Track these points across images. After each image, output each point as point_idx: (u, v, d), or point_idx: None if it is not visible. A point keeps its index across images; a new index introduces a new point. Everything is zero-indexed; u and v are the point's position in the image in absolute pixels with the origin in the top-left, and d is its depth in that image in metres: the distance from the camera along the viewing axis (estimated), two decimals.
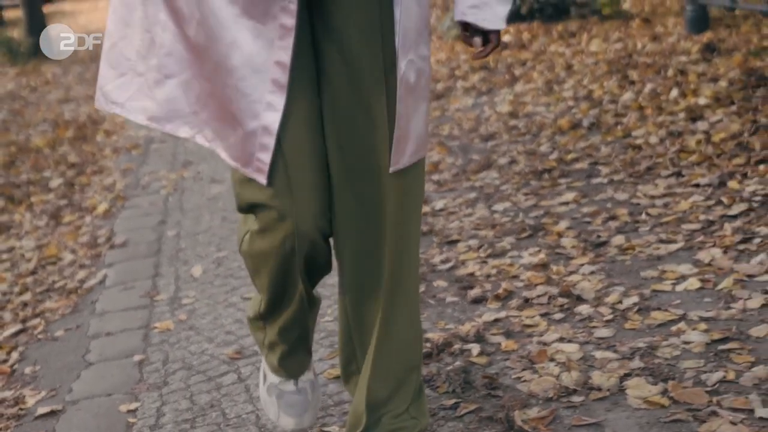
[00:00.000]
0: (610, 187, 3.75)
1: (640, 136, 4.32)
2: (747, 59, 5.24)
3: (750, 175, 3.52)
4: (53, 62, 10.68)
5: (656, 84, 5.10)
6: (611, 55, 6.14)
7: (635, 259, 3.03)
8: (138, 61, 1.85)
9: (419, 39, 1.88)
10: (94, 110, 7.54)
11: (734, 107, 4.38)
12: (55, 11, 17.95)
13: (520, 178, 4.07)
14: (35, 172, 5.57)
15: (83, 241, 4.21)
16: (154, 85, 1.84)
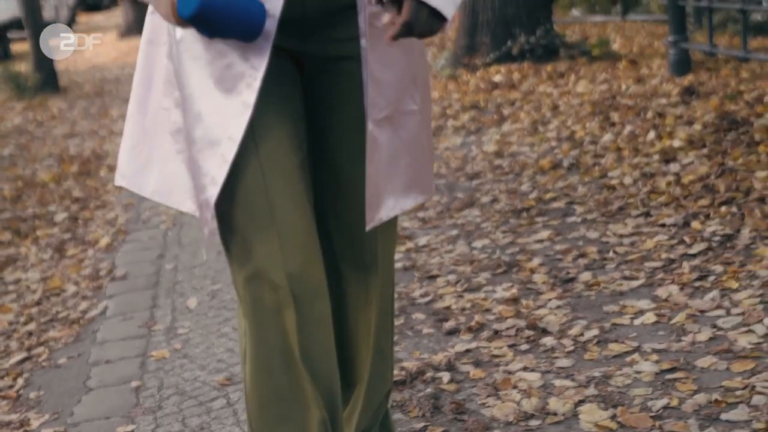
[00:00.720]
0: (583, 225, 3.98)
1: (615, 176, 4.55)
2: (723, 103, 5.48)
3: (712, 216, 3.75)
4: (59, 97, 10.95)
5: (635, 126, 5.34)
6: (596, 96, 6.39)
7: (599, 294, 3.25)
8: (147, 136, 1.95)
9: (403, 92, 1.91)
10: (98, 145, 7.79)
11: (705, 150, 4.61)
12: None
13: (500, 216, 4.29)
14: (41, 206, 5.80)
15: (86, 273, 4.44)
16: (160, 159, 1.93)
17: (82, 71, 13.99)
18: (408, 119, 1.91)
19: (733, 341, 2.72)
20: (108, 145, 7.74)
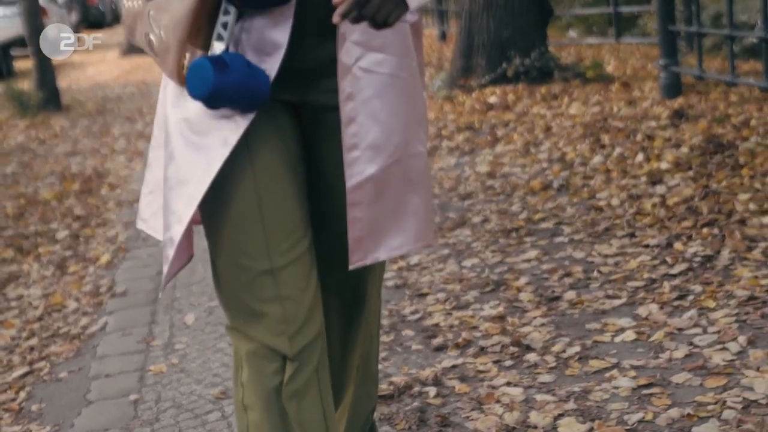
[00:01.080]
0: (570, 245, 4.10)
1: (603, 198, 4.67)
2: (711, 126, 5.61)
3: (694, 237, 3.86)
4: (62, 115, 11.08)
5: (625, 148, 5.46)
6: (588, 118, 6.51)
7: (583, 312, 3.36)
8: (160, 181, 1.97)
9: (411, 136, 1.92)
10: (99, 163, 7.92)
11: (691, 172, 4.74)
12: (64, 63, 18.40)
13: (490, 236, 4.41)
14: (43, 224, 5.92)
15: (86, 290, 4.55)
16: None
17: (84, 89, 14.13)
18: (416, 161, 1.94)
19: (708, 358, 2.83)
20: (109, 163, 7.86)
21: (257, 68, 1.79)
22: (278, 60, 1.79)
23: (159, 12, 1.80)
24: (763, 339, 2.90)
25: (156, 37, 1.82)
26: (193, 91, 1.77)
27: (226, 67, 1.75)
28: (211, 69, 1.75)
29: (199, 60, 1.76)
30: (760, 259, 3.51)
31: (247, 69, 1.77)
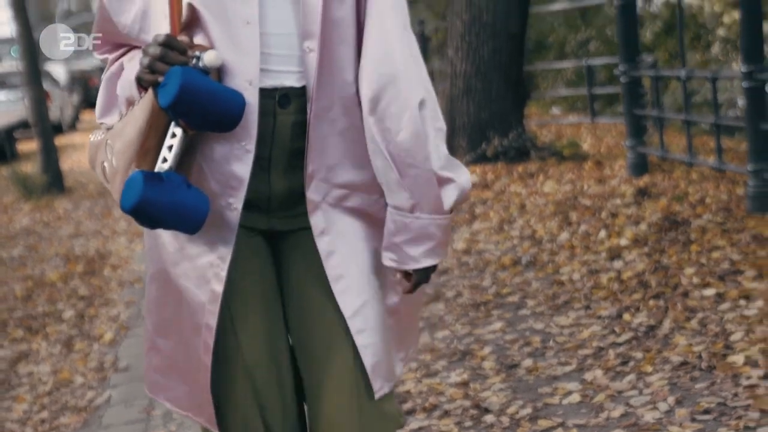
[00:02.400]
0: (531, 317, 4.51)
1: (565, 273, 5.09)
2: (670, 204, 6.05)
3: (642, 308, 4.28)
4: (65, 197, 11.55)
5: (590, 225, 5.90)
6: (560, 196, 6.96)
7: (537, 378, 3.76)
8: None
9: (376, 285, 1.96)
10: (101, 245, 8.35)
11: (647, 248, 5.16)
12: (67, 144, 18.93)
13: (462, 309, 4.82)
14: (50, 304, 6.34)
15: (92, 366, 4.95)
16: None
17: (85, 171, 14.60)
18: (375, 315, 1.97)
19: (640, 416, 3.23)
20: (111, 244, 8.30)
21: (197, 190, 1.82)
22: (242, 193, 1.87)
23: (114, 139, 1.88)
24: (689, 399, 3.30)
25: (108, 163, 1.89)
26: (123, 203, 1.80)
27: (160, 182, 1.78)
28: (141, 181, 1.77)
29: (134, 174, 1.80)
30: (696, 329, 3.92)
31: (185, 190, 1.80)
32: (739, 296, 4.17)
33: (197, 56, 1.81)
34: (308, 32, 1.86)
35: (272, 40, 1.87)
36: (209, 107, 1.78)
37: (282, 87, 1.88)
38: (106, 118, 2.00)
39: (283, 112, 1.89)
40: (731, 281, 4.39)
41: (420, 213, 1.91)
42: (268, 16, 1.86)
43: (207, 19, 1.84)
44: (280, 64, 1.88)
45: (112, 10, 1.96)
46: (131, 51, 2.00)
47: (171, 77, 1.77)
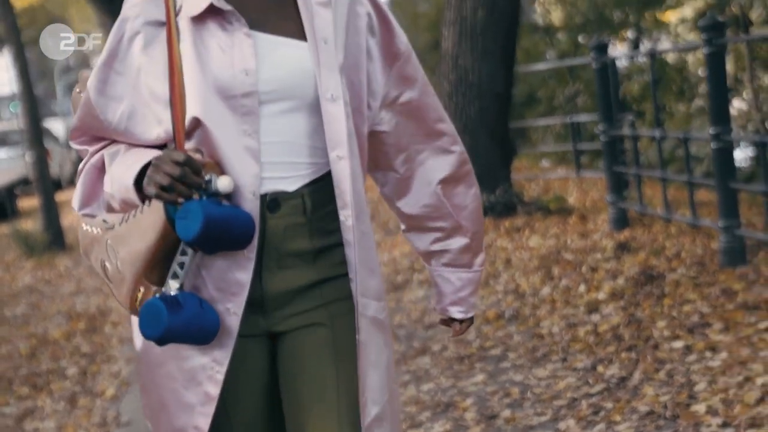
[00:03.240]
0: (512, 370, 4.76)
1: (545, 326, 5.35)
2: (648, 258, 6.32)
3: (614, 360, 4.54)
4: (66, 254, 11.81)
5: (570, 279, 6.17)
6: (544, 250, 7.23)
7: (514, 428, 4.01)
8: None
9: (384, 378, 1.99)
10: (102, 302, 8.60)
11: (623, 302, 5.43)
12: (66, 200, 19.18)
13: (447, 362, 5.07)
14: (53, 361, 6.59)
15: (95, 421, 5.19)
16: None
17: None
18: None
19: None
20: (111, 301, 8.54)
21: (209, 307, 1.86)
22: (243, 298, 1.90)
23: (117, 243, 1.89)
24: None
25: (112, 266, 1.89)
26: (145, 331, 1.83)
27: (179, 307, 1.81)
28: (164, 310, 1.80)
29: (153, 300, 1.82)
30: (663, 379, 4.18)
31: (199, 309, 1.84)
32: (706, 348, 4.43)
33: (209, 179, 1.84)
34: (335, 141, 1.93)
35: (267, 148, 1.92)
36: (226, 236, 1.83)
37: (271, 192, 1.93)
38: (88, 209, 2.01)
39: (273, 216, 1.93)
40: (699, 333, 4.65)
41: (479, 266, 2.22)
42: (264, 126, 1.91)
43: (210, 131, 1.89)
44: (272, 171, 1.93)
45: (99, 108, 1.97)
46: (112, 144, 2.00)
47: (191, 212, 1.79)
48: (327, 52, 1.95)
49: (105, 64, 1.97)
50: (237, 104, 1.89)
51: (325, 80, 1.93)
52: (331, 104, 1.93)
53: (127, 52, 1.95)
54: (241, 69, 1.90)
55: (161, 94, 1.91)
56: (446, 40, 8.90)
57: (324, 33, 1.96)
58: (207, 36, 1.91)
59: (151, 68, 1.93)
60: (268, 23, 1.95)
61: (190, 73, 1.89)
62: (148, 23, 1.93)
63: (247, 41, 1.90)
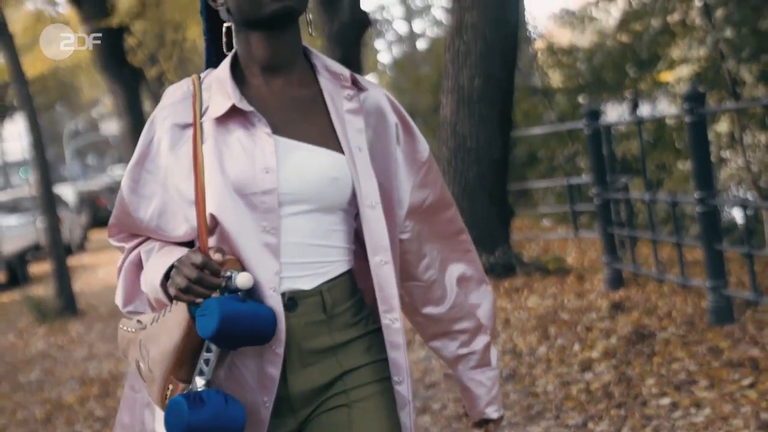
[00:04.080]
0: (507, 427, 4.98)
1: (541, 385, 5.57)
2: (641, 317, 6.56)
3: (604, 417, 4.76)
4: (77, 320, 12.06)
5: (566, 339, 6.40)
6: (542, 310, 7.47)
7: None
8: None
9: None
10: (114, 366, 8.84)
11: (615, 360, 5.66)
12: (76, 265, 19.47)
13: (446, 420, 5.30)
14: (68, 426, 6.81)
15: None
16: None
17: (96, 292, 15.16)
18: None
19: None
20: (123, 366, 8.77)
21: (235, 404, 1.91)
22: (274, 392, 1.96)
23: (148, 342, 1.96)
24: None
25: (144, 365, 1.96)
26: (169, 428, 1.88)
27: (202, 404, 1.86)
28: (186, 408, 1.85)
29: (176, 398, 1.87)
30: None
31: (224, 406, 1.88)
32: (691, 404, 4.66)
33: (229, 276, 1.89)
34: (378, 247, 2.01)
35: (285, 249, 1.97)
36: (247, 332, 1.88)
37: (289, 291, 1.98)
38: (130, 306, 2.10)
39: (291, 315, 1.98)
40: (686, 390, 4.88)
41: (497, 360, 2.29)
42: (282, 227, 1.97)
43: (230, 229, 1.94)
44: (289, 271, 1.98)
45: (132, 206, 2.05)
46: (147, 241, 2.08)
47: (209, 310, 1.85)
48: (363, 160, 2.01)
49: (136, 164, 2.05)
50: (257, 201, 1.94)
51: (364, 187, 2.00)
52: (372, 211, 2.00)
53: (157, 152, 2.03)
54: (261, 167, 1.95)
55: (186, 192, 1.98)
56: (444, 108, 9.23)
57: (357, 141, 2.02)
58: (230, 136, 1.98)
59: (177, 168, 2.00)
60: (290, 127, 2.01)
61: (212, 171, 1.95)
62: (176, 125, 2.01)
63: (268, 141, 1.96)
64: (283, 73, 2.04)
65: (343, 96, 2.05)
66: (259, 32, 2.00)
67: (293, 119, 2.02)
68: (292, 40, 2.03)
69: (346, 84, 2.06)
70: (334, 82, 2.06)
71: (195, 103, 2.00)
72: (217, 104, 1.99)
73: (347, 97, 2.05)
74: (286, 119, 2.02)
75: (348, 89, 2.06)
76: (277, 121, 2.00)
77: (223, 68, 2.04)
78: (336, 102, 2.04)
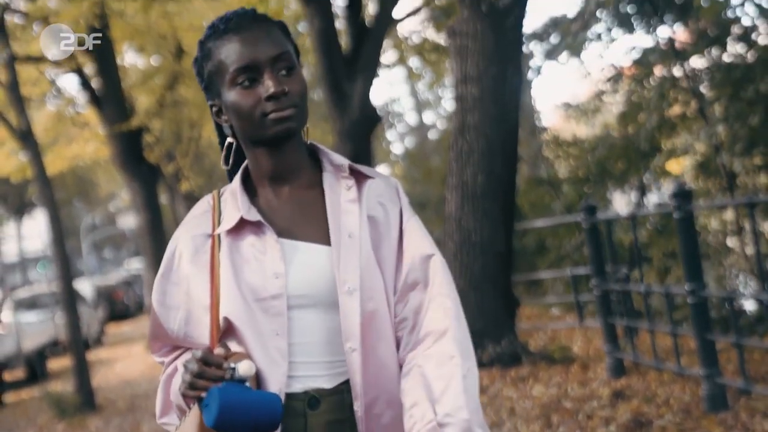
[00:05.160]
0: None
1: None
2: (640, 404, 6.79)
3: None
4: (96, 415, 12.28)
5: (567, 427, 6.63)
6: (546, 399, 7.70)
7: None
8: None
9: None
10: None
11: None
12: (94, 360, 19.68)
13: None
14: None
15: None
16: None
17: (114, 387, 15.39)
18: None
19: None
20: None
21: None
22: None
23: None
24: None
25: None
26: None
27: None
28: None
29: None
30: None
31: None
32: None
33: (233, 368, 1.94)
34: (348, 333, 2.04)
35: (300, 348, 2.04)
36: (251, 418, 1.91)
37: (311, 389, 2.05)
38: (165, 418, 2.19)
39: (314, 413, 2.04)
40: None
41: None
42: (296, 328, 2.04)
43: (241, 330, 2.02)
44: (307, 370, 2.05)
45: (162, 317, 2.15)
46: (185, 353, 2.19)
47: (211, 398, 1.91)
48: (350, 246, 2.06)
49: (162, 277, 2.16)
50: (267, 306, 2.02)
51: (342, 273, 2.04)
52: (348, 297, 2.03)
53: (179, 263, 2.13)
54: (271, 273, 2.03)
55: (204, 299, 2.08)
56: (449, 204, 9.59)
57: (350, 228, 2.08)
58: (242, 245, 2.07)
59: (198, 276, 2.10)
60: (295, 229, 2.10)
61: (227, 278, 2.04)
62: (197, 236, 2.13)
63: (276, 247, 2.05)
64: (289, 181, 2.13)
65: (342, 187, 2.13)
66: (261, 148, 2.10)
67: (297, 221, 2.11)
68: (295, 152, 2.12)
69: (344, 174, 2.14)
70: (335, 174, 2.15)
71: (214, 214, 2.13)
72: (230, 216, 2.10)
73: (346, 186, 2.13)
74: (292, 222, 2.10)
75: (347, 179, 2.14)
76: (283, 226, 2.09)
77: (236, 181, 2.15)
78: (335, 193, 2.12)
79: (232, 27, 2.06)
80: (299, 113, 2.05)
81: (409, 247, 2.12)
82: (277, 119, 2.02)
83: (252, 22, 2.07)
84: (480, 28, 8.97)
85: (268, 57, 2.03)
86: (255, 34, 2.05)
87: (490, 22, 8.92)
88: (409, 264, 2.11)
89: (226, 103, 2.08)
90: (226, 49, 2.06)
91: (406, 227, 2.14)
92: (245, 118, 2.05)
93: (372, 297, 2.05)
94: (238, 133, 2.11)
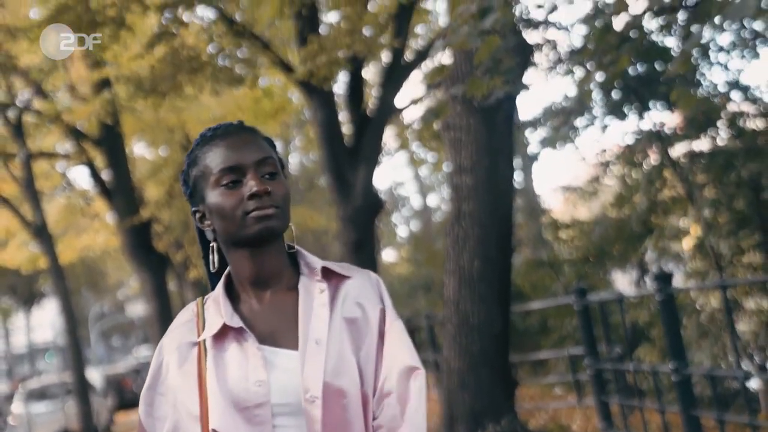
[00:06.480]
0: None
1: None
2: None
3: None
4: None
5: None
6: None
7: None
8: None
9: None
10: None
11: None
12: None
13: None
14: None
15: None
16: None
17: None
18: None
19: None
20: None
21: None
22: None
23: None
24: None
25: None
26: None
27: None
28: None
29: None
30: None
31: None
32: None
33: None
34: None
35: None
36: None
37: None
38: None
39: None
40: None
41: None
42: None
43: None
44: None
45: (149, 428, 2.11)
46: None
47: None
48: (316, 353, 2.03)
49: (149, 388, 2.14)
50: (251, 415, 2.01)
51: (305, 381, 2.02)
52: (310, 405, 2.01)
53: (166, 375, 2.12)
54: (254, 381, 2.02)
55: (192, 409, 2.06)
56: (448, 288, 9.93)
57: (318, 333, 2.05)
58: (226, 352, 2.07)
59: (184, 385, 2.08)
60: (276, 336, 2.08)
61: (213, 387, 2.03)
62: (182, 345, 2.12)
63: (257, 354, 2.03)
64: (270, 285, 2.12)
65: (316, 290, 2.11)
66: (243, 250, 2.09)
67: (277, 327, 2.08)
68: (275, 255, 2.11)
69: (317, 278, 2.13)
70: (310, 278, 2.13)
71: (198, 322, 2.12)
72: (213, 322, 2.09)
73: (319, 290, 2.11)
74: (273, 328, 2.09)
75: (319, 283, 2.13)
76: (265, 332, 2.08)
77: (218, 288, 2.14)
78: (310, 297, 2.11)
79: (219, 134, 2.11)
80: (281, 214, 2.06)
81: (387, 355, 2.09)
82: (259, 217, 2.03)
83: (239, 130, 2.12)
84: (473, 122, 9.44)
85: (253, 160, 2.06)
86: (242, 139, 2.09)
87: (482, 117, 9.39)
88: (385, 373, 2.08)
89: (210, 205, 2.09)
90: (212, 154, 2.09)
91: (387, 331, 2.11)
92: (228, 218, 2.05)
93: (340, 403, 2.02)
94: (220, 236, 2.11)
